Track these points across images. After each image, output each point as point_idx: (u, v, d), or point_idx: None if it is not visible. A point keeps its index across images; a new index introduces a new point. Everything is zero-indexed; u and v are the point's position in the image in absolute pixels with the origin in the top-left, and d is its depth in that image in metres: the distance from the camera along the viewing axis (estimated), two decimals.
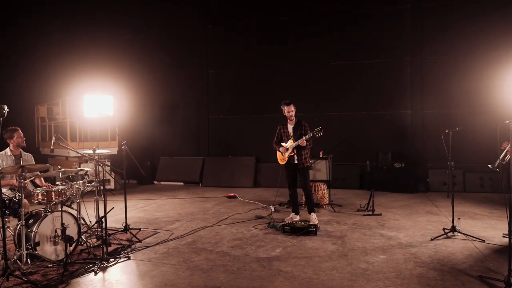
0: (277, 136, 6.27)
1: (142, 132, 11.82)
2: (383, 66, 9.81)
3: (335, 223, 6.14)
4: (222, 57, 11.24)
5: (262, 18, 10.82)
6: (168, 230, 5.87)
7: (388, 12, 9.77)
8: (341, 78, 10.13)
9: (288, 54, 10.57)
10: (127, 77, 11.92)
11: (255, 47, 10.88)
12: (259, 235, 5.49)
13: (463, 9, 9.25)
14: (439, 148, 9.60)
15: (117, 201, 8.60)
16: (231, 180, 10.53)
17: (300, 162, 5.97)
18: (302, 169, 6.01)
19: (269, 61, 10.76)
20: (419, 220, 6.22)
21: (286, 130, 6.13)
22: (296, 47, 10.47)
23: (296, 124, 6.07)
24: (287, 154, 6.05)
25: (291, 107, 5.99)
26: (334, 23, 10.21)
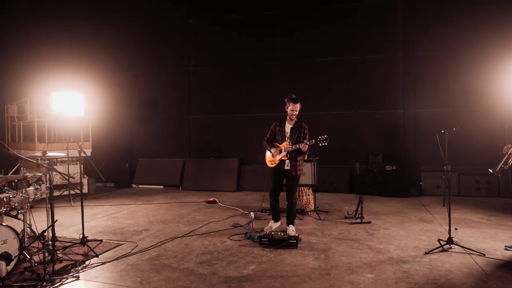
0: (270, 133, 5.58)
1: (120, 133, 11.16)
2: (373, 62, 9.26)
3: (319, 232, 5.55)
4: (204, 53, 10.61)
5: (246, 12, 10.21)
6: (133, 242, 5.23)
7: (378, 5, 9.22)
8: (329, 75, 9.56)
9: (273, 50, 9.98)
10: (102, 74, 11.24)
11: (239, 42, 10.27)
12: (233, 248, 4.89)
13: (458, 2, 8.73)
14: (433, 149, 9.14)
15: (89, 206, 7.96)
16: (213, 183, 9.90)
17: (293, 169, 5.29)
18: (293, 178, 5.33)
19: (253, 57, 10.16)
20: (411, 229, 5.65)
21: (283, 129, 5.45)
22: (282, 43, 9.88)
23: (295, 124, 5.40)
24: (279, 156, 5.41)
25: (297, 105, 5.29)
26: (321, 17, 9.63)
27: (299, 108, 5.35)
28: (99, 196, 9.28)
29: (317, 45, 9.63)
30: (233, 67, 10.34)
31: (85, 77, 10.13)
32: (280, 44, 9.90)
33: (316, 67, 9.63)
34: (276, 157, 5.42)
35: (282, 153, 5.37)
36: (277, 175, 5.47)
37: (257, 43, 10.10)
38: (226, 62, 10.40)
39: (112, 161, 10.88)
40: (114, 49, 11.24)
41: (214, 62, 10.51)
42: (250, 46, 10.17)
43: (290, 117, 5.39)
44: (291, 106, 5.31)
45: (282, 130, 5.46)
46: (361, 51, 9.31)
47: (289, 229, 5.42)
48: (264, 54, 10.04)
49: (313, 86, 9.65)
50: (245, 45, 10.21)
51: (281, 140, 5.44)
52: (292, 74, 9.80)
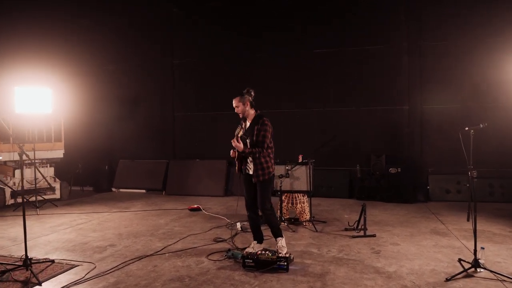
0: (236, 135, 4.69)
1: (98, 132, 10.24)
2: (375, 54, 8.38)
3: (315, 250, 4.67)
4: (189, 45, 9.69)
5: (234, 0, 9.32)
6: (91, 263, 4.33)
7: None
8: (326, 68, 8.67)
9: (265, 42, 9.08)
10: (76, 68, 10.29)
11: (227, 33, 9.37)
12: (210, 272, 4.00)
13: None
14: (441, 150, 8.25)
15: (56, 215, 7.06)
16: (198, 187, 9.01)
17: (255, 174, 4.34)
18: (258, 184, 4.37)
19: (243, 49, 9.27)
20: (424, 244, 4.79)
21: (243, 129, 4.55)
22: (275, 34, 8.99)
23: (254, 120, 4.45)
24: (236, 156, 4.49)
25: (234, 102, 4.44)
26: (318, 4, 8.74)
27: (240, 102, 4.42)
28: (72, 202, 8.36)
29: (313, 35, 8.74)
30: (221, 61, 9.45)
31: (55, 71, 9.18)
32: (273, 35, 9.01)
33: (312, 59, 8.75)
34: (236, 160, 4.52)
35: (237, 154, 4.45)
36: (246, 182, 4.53)
37: (248, 34, 9.21)
38: (213, 55, 9.50)
39: (90, 163, 9.98)
40: (90, 41, 10.30)
41: (201, 55, 9.61)
42: (239, 37, 9.28)
43: (240, 115, 4.53)
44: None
45: (244, 129, 4.57)
46: (361, 41, 8.44)
47: (278, 244, 4.47)
48: (256, 46, 9.15)
49: (309, 80, 8.77)
50: (233, 36, 9.32)
51: None
52: (286, 67, 8.91)
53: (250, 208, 4.58)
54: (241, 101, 4.41)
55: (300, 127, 8.80)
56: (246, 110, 4.44)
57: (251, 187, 4.49)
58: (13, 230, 5.91)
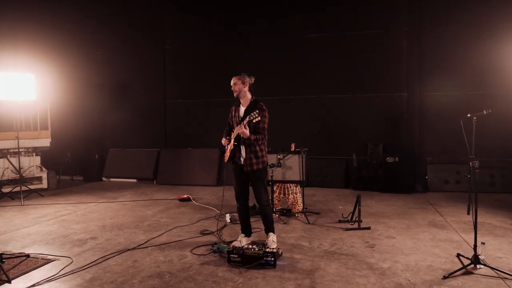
0: (228, 121, 4.44)
1: (88, 119, 9.92)
2: (373, 38, 8.04)
3: (306, 243, 4.42)
4: (181, 29, 9.32)
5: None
6: (69, 257, 4.09)
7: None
8: (322, 53, 8.33)
9: (261, 26, 8.72)
10: (65, 54, 9.89)
11: (220, 18, 9.01)
12: (193, 267, 3.76)
13: None
14: (441, 138, 7.91)
15: (41, 206, 6.80)
16: (190, 176, 8.75)
17: (248, 163, 4.09)
18: (252, 174, 4.13)
19: (236, 34, 8.91)
20: (421, 237, 4.54)
21: (237, 113, 4.27)
22: (268, 17, 8.63)
23: (250, 105, 4.20)
24: (228, 147, 4.27)
25: (232, 80, 4.21)
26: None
27: (238, 81, 4.18)
28: (60, 192, 8.11)
29: (309, 19, 8.39)
30: (214, 46, 9.09)
31: (40, 57, 8.79)
32: (267, 20, 8.65)
33: (308, 44, 8.41)
34: (227, 148, 4.27)
35: (231, 141, 4.21)
36: (237, 173, 4.27)
37: (241, 18, 8.86)
38: (206, 40, 9.14)
39: (80, 152, 9.71)
40: (76, 26, 9.89)
41: (193, 39, 9.25)
42: (232, 21, 8.92)
43: (234, 95, 4.26)
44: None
45: (237, 115, 4.28)
46: (359, 25, 8.09)
47: (268, 240, 4.29)
48: (250, 31, 8.79)
49: (304, 66, 8.44)
50: (227, 20, 8.96)
51: (235, 126, 4.27)
52: (281, 52, 8.57)
53: (240, 199, 4.34)
54: (240, 79, 4.18)
55: (294, 115, 8.49)
56: (243, 91, 4.20)
57: (241, 177, 4.24)
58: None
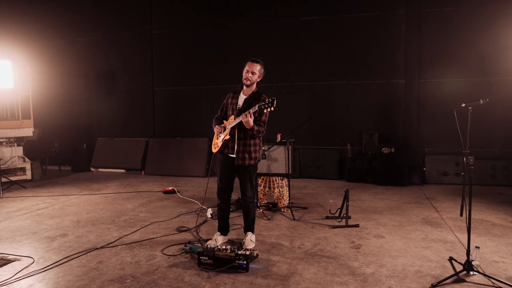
0: (222, 108, 4.09)
1: (75, 108, 9.63)
2: (369, 22, 7.60)
3: (287, 243, 4.10)
4: (169, 13, 8.90)
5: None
6: (31, 257, 3.80)
7: None
8: (314, 38, 7.91)
9: (251, 9, 8.28)
10: (47, 41, 9.54)
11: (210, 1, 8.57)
12: (159, 270, 3.45)
13: None
14: (440, 128, 7.47)
15: (21, 198, 6.52)
16: (179, 167, 8.45)
17: (240, 156, 3.80)
18: (242, 168, 3.86)
19: (228, 17, 8.48)
20: (412, 237, 4.20)
21: (235, 100, 3.92)
22: (259, 1, 8.18)
23: (252, 95, 3.85)
24: (221, 136, 3.93)
25: (253, 65, 3.78)
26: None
27: (258, 72, 3.83)
28: (44, 183, 7.84)
29: (301, 2, 7.93)
30: (204, 30, 8.68)
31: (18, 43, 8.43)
32: (259, 3, 8.20)
33: (300, 28, 7.98)
34: (219, 137, 3.93)
35: (226, 130, 3.86)
36: (225, 166, 3.97)
37: (233, 1, 8.41)
38: (195, 24, 8.72)
39: (67, 142, 9.43)
40: (59, 11, 9.48)
41: (182, 24, 8.83)
42: (225, 4, 8.47)
43: (244, 83, 3.86)
44: (247, 65, 3.82)
45: (234, 102, 3.93)
46: (354, 7, 7.64)
47: (246, 239, 4.00)
48: (241, 13, 8.36)
49: (296, 52, 8.03)
50: (218, 4, 8.52)
51: (230, 115, 3.93)
52: (272, 36, 8.16)
53: (223, 196, 4.05)
54: (259, 72, 3.84)
55: (285, 103, 8.10)
56: (253, 83, 3.87)
57: (229, 171, 3.94)
58: None
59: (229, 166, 3.92)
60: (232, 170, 3.94)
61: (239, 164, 3.83)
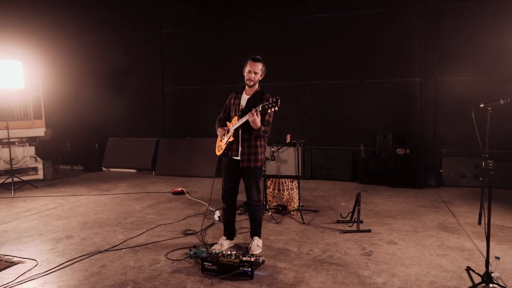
0: (224, 108, 3.97)
1: (87, 108, 9.65)
2: (381, 18, 7.36)
3: (295, 248, 3.95)
4: (179, 11, 8.82)
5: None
6: (34, 260, 3.75)
7: None
8: (325, 35, 7.71)
9: (260, 7, 8.12)
10: (57, 41, 9.56)
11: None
12: (162, 275, 3.35)
13: None
14: (458, 128, 7.21)
15: (31, 198, 6.54)
16: (189, 167, 8.38)
17: (245, 158, 3.68)
18: (248, 171, 3.73)
19: (238, 16, 8.35)
20: (427, 244, 3.99)
21: (238, 101, 3.79)
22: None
23: (255, 95, 3.72)
24: (225, 139, 3.82)
25: (255, 65, 3.65)
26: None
27: (260, 71, 3.70)
28: (55, 183, 7.86)
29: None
30: (214, 29, 8.57)
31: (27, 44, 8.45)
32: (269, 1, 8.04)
33: (311, 26, 7.79)
34: (222, 139, 3.81)
35: (229, 133, 3.74)
36: (229, 168, 3.85)
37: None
38: (206, 23, 8.61)
39: (79, 141, 9.46)
40: (70, 11, 9.48)
41: (192, 22, 8.74)
42: (235, 3, 8.35)
43: (247, 84, 3.73)
44: (248, 65, 3.69)
45: (237, 103, 3.81)
46: (367, 4, 7.41)
47: (252, 244, 3.88)
48: (250, 12, 8.22)
49: (307, 50, 7.86)
50: (229, 3, 8.39)
51: (233, 116, 3.81)
52: (283, 35, 8.00)
53: (228, 199, 3.95)
54: (262, 71, 3.71)
55: (297, 103, 7.95)
56: (257, 82, 3.75)
57: (234, 174, 3.82)
58: None
59: (233, 169, 3.80)
60: (237, 173, 3.83)
61: (244, 167, 3.71)
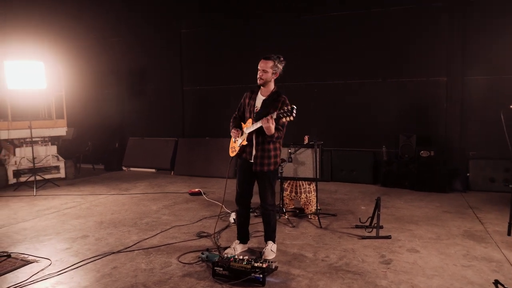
0: (239, 107, 3.87)
1: (107, 108, 9.76)
2: (405, 15, 7.07)
3: (310, 254, 3.80)
4: (198, 12, 8.78)
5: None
6: (48, 259, 3.77)
7: None
8: (347, 33, 7.48)
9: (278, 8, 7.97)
10: (78, 41, 9.67)
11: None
12: (172, 279, 3.28)
13: None
14: (487, 130, 6.73)
15: (51, 197, 6.65)
16: (207, 168, 8.34)
17: (258, 162, 3.59)
18: (261, 174, 3.64)
19: (255, 16, 8.23)
20: (451, 253, 3.77)
21: (253, 101, 3.68)
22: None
23: (271, 96, 3.61)
24: (239, 141, 3.73)
25: (264, 63, 3.53)
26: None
27: (271, 69, 3.55)
28: (76, 182, 7.98)
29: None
30: (233, 28, 8.49)
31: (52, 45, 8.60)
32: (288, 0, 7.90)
33: (331, 24, 7.57)
34: (236, 141, 3.72)
35: (243, 135, 3.65)
36: (243, 171, 3.76)
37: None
38: (224, 22, 8.54)
39: (100, 141, 9.58)
40: (90, 12, 9.58)
41: (211, 21, 8.69)
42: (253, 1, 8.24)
43: (258, 82, 3.62)
44: (259, 64, 3.58)
45: (252, 104, 3.69)
46: (389, 1, 7.13)
47: (266, 249, 3.76)
48: (270, 10, 8.09)
49: (328, 49, 7.65)
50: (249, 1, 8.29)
51: (248, 118, 3.71)
52: (302, 34, 7.81)
53: (241, 201, 3.86)
54: (273, 69, 3.54)
55: (317, 103, 7.77)
56: (269, 82, 3.61)
57: (248, 176, 3.74)
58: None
59: (247, 171, 3.70)
60: (251, 175, 3.73)
61: (257, 170, 3.61)
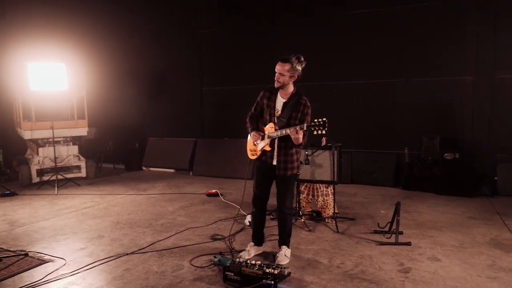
0: (256, 106, 3.80)
1: (128, 108, 9.78)
2: (428, 12, 6.78)
3: (325, 260, 3.68)
4: (217, 12, 8.74)
5: None
6: (63, 259, 3.81)
7: None
8: (369, 32, 7.25)
9: (297, 6, 7.83)
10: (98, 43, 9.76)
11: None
12: (183, 283, 3.24)
13: None
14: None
15: (72, 196, 6.77)
16: (225, 168, 8.30)
17: (281, 167, 3.53)
18: (283, 179, 3.58)
19: (274, 16, 8.11)
20: (475, 263, 3.56)
21: (273, 103, 3.60)
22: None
23: (291, 98, 3.53)
24: (260, 145, 3.65)
25: (281, 65, 3.45)
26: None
27: (288, 72, 3.45)
28: (96, 181, 8.09)
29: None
30: (252, 28, 8.40)
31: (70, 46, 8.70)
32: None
33: (350, 23, 7.35)
34: (257, 143, 3.64)
35: (265, 140, 3.57)
36: (261, 172, 3.70)
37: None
38: (243, 22, 8.47)
39: (121, 141, 9.68)
40: (110, 13, 9.66)
41: (230, 21, 8.63)
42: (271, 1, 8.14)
43: (275, 85, 3.55)
44: (276, 66, 3.49)
45: (272, 106, 3.61)
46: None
47: (280, 254, 3.68)
48: (288, 10, 7.95)
49: (348, 48, 7.44)
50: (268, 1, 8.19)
51: (268, 120, 3.62)
52: (322, 34, 7.63)
53: (258, 202, 3.80)
54: (290, 72, 3.45)
55: (336, 103, 7.59)
56: (287, 84, 3.53)
57: (267, 179, 3.68)
58: (21, 212, 5.69)
59: (267, 173, 3.65)
60: (270, 178, 3.69)
61: (280, 174, 3.56)
